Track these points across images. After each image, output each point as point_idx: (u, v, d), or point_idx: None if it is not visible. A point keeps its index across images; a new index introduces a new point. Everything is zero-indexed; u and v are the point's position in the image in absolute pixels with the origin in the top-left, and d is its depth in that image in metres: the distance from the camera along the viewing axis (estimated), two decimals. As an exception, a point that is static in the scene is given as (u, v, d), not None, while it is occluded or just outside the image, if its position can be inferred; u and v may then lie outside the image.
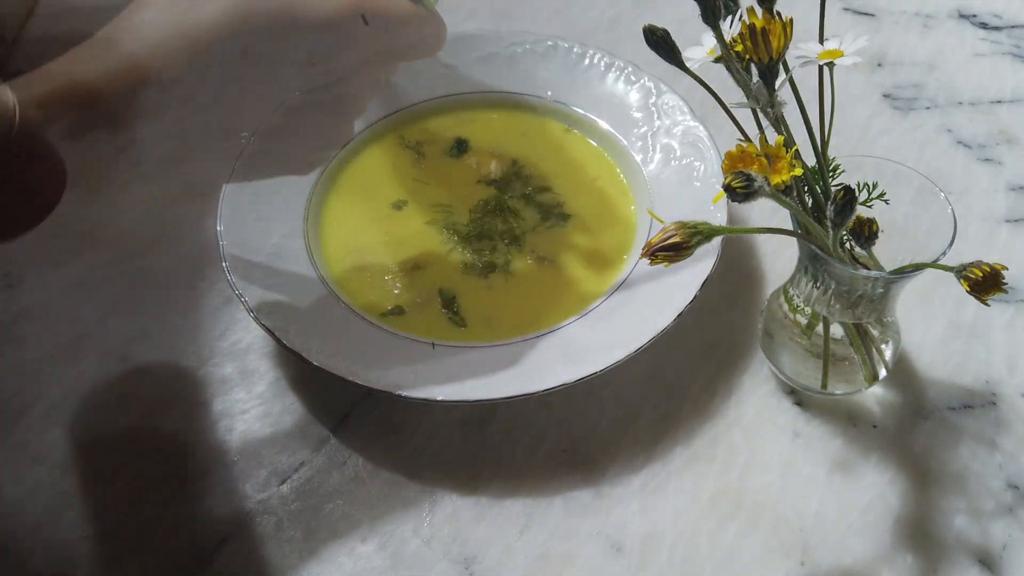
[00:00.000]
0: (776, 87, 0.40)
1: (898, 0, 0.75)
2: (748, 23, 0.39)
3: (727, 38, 0.40)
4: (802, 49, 0.41)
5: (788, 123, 0.42)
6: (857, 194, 0.39)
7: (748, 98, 0.41)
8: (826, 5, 0.42)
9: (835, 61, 0.41)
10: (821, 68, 0.42)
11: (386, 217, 0.58)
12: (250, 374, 0.53)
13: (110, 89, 0.40)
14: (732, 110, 0.43)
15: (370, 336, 0.50)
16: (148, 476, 0.49)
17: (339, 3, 0.45)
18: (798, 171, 0.38)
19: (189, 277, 0.57)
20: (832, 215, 0.39)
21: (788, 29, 0.39)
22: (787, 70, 0.41)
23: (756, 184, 0.35)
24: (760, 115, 0.42)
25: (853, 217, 0.39)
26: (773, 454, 0.49)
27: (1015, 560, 0.45)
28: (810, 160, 0.43)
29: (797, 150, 0.40)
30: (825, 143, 0.43)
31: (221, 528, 0.47)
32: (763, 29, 0.38)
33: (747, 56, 0.40)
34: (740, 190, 0.35)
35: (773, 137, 0.38)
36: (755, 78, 0.41)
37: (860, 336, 0.47)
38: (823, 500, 0.47)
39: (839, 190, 0.38)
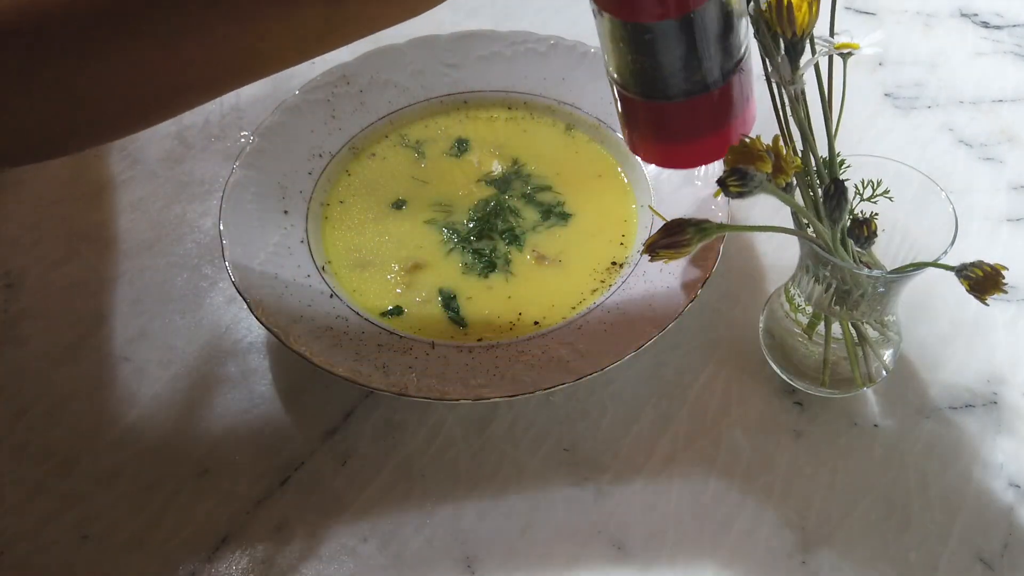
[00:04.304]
0: (800, 65, 0.40)
1: (899, -1, 0.75)
2: None
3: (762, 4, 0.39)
4: (819, 41, 0.41)
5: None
6: (860, 191, 0.39)
7: (772, 69, 0.40)
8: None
9: (853, 52, 0.40)
10: (825, 64, 0.42)
11: (386, 216, 0.58)
12: (251, 373, 0.53)
13: None
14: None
15: (370, 336, 0.50)
16: (148, 476, 0.49)
17: None
18: (798, 166, 0.37)
19: (189, 276, 0.57)
20: (827, 211, 0.39)
21: (814, 7, 0.38)
22: (814, 51, 0.40)
23: (753, 181, 0.35)
24: (780, 91, 0.41)
25: (848, 209, 0.39)
26: (775, 453, 0.49)
27: (1017, 560, 0.45)
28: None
29: (812, 142, 0.39)
30: (833, 137, 0.43)
31: (221, 528, 0.47)
32: (789, 4, 0.38)
33: (773, 28, 0.39)
34: (734, 187, 0.35)
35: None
36: (782, 50, 0.40)
37: (858, 338, 0.47)
38: (825, 499, 0.47)
39: (828, 184, 0.38)
